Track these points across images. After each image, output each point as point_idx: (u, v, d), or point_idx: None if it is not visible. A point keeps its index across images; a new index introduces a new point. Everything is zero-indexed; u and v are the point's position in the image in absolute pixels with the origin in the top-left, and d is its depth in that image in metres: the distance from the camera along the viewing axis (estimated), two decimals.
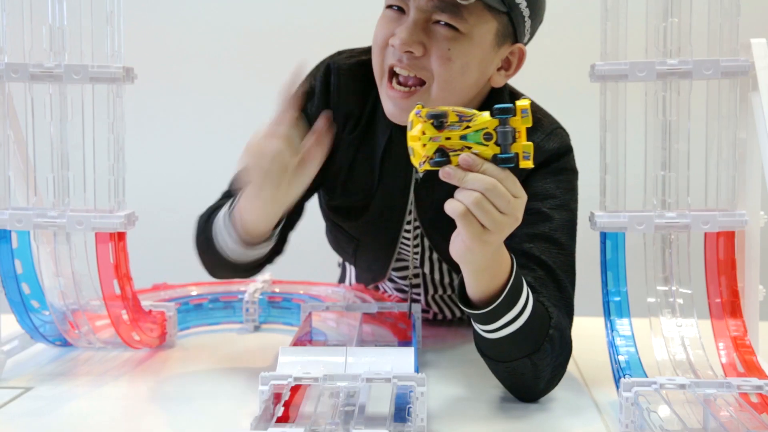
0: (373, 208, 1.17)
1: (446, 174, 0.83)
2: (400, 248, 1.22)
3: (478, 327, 0.94)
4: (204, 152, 2.33)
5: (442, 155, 0.83)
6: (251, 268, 1.09)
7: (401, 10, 1.02)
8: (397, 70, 1.02)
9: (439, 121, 0.83)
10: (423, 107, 0.84)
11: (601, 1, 0.97)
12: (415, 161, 0.85)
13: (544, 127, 1.09)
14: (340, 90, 1.12)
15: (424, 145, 0.84)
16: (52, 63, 1.02)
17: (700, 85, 0.98)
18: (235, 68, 2.32)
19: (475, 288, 0.91)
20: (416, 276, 1.26)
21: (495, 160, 0.83)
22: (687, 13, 0.97)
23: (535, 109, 1.12)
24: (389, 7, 1.03)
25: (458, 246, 0.87)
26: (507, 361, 0.95)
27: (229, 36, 2.32)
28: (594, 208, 1.01)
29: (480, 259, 0.87)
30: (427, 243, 1.20)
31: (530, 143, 0.83)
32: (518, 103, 0.83)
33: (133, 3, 1.11)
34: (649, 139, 0.99)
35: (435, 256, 1.22)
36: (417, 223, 1.17)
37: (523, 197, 0.86)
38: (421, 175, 1.13)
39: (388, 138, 1.12)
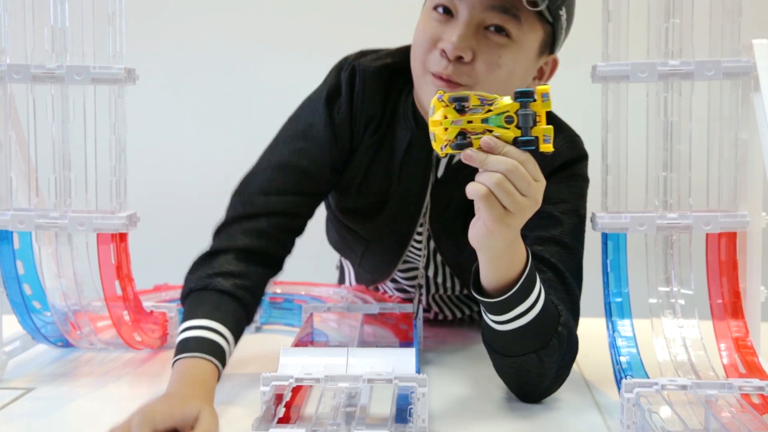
0: (388, 211, 1.17)
1: (468, 156, 0.83)
2: (409, 249, 1.22)
3: (490, 318, 0.94)
4: (206, 153, 2.33)
5: (464, 138, 0.84)
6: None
7: (448, 12, 1.00)
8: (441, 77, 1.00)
9: (460, 105, 0.83)
10: (445, 92, 0.85)
11: (602, 2, 0.98)
12: (436, 146, 0.85)
13: (563, 134, 1.10)
14: (365, 93, 1.11)
15: (446, 129, 0.84)
16: (54, 64, 1.02)
17: (702, 86, 0.98)
18: (237, 70, 2.32)
19: (491, 276, 0.91)
20: (419, 276, 1.26)
21: (516, 143, 0.83)
22: (688, 13, 0.97)
23: (553, 116, 1.12)
24: (435, 8, 1.01)
25: (479, 230, 0.87)
26: (515, 355, 0.95)
27: (231, 37, 2.32)
28: (596, 208, 1.01)
29: (500, 243, 0.87)
30: (432, 245, 1.20)
31: (550, 127, 0.83)
32: (539, 87, 0.83)
33: (134, 4, 1.11)
34: (650, 140, 0.99)
35: (439, 258, 1.22)
36: (427, 226, 1.17)
37: (543, 181, 0.86)
38: (440, 175, 1.13)
39: (408, 142, 1.11)
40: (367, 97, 1.11)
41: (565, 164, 1.08)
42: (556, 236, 1.03)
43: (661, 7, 0.97)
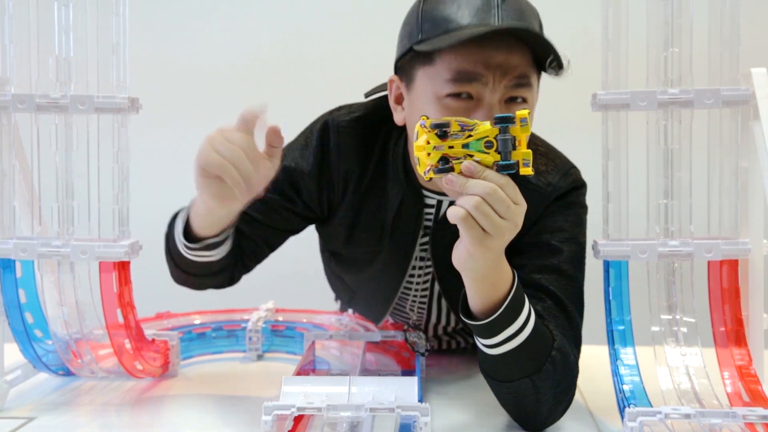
0: (377, 264, 1.18)
1: (449, 181, 0.85)
2: (403, 294, 1.22)
3: (480, 342, 0.94)
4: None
5: (446, 163, 0.86)
6: (198, 276, 1.13)
7: (467, 97, 0.97)
8: None
9: (442, 131, 0.85)
10: (428, 118, 0.86)
11: (602, 31, 0.98)
12: (420, 170, 0.87)
13: (558, 167, 1.10)
14: (340, 148, 1.12)
15: (429, 154, 0.86)
16: (58, 94, 1.03)
17: (702, 114, 0.99)
18: (239, 98, 2.34)
19: (476, 298, 0.92)
20: (418, 324, 1.26)
21: (496, 167, 0.85)
22: (687, 42, 0.97)
23: (547, 150, 1.13)
24: (451, 95, 0.97)
25: (460, 252, 0.88)
26: (508, 381, 0.95)
27: (234, 66, 2.34)
28: (597, 236, 1.01)
29: (481, 265, 0.88)
30: (437, 288, 1.20)
31: (529, 151, 0.85)
32: (518, 112, 0.85)
33: (138, 34, 1.12)
34: (651, 168, 0.99)
35: (444, 303, 1.22)
36: (429, 270, 1.17)
37: (523, 205, 0.87)
38: (440, 217, 1.13)
39: (401, 200, 1.12)
40: (343, 152, 1.12)
41: (561, 195, 1.08)
42: (555, 264, 1.04)
43: (660, 37, 0.98)
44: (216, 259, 1.09)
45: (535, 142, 1.13)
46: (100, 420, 1.03)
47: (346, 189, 1.13)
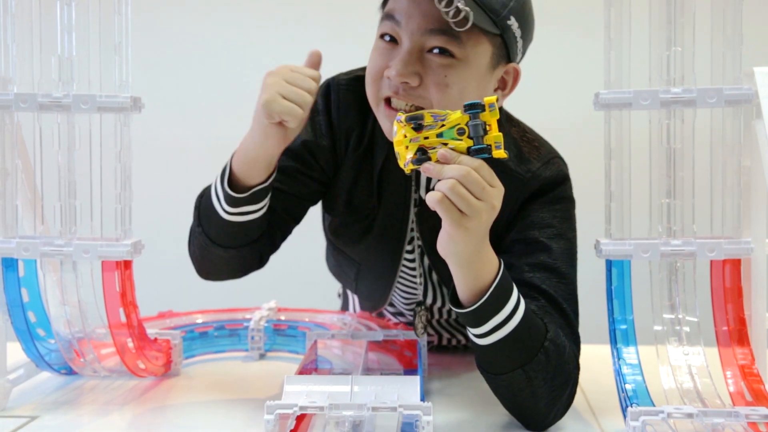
0: (375, 230, 1.18)
1: (426, 169, 0.89)
2: (401, 270, 1.22)
3: (471, 333, 0.95)
4: (211, 181, 2.34)
5: (423, 154, 0.90)
6: (239, 246, 1.10)
7: (394, 41, 1.03)
8: (393, 101, 1.03)
9: (417, 123, 0.90)
10: (403, 113, 0.90)
11: (604, 31, 0.98)
12: (401, 163, 0.91)
13: (541, 155, 1.10)
14: (340, 106, 1.14)
15: (407, 147, 0.90)
16: (60, 93, 1.03)
17: (704, 113, 0.99)
18: (242, 97, 2.34)
19: (462, 285, 0.93)
20: (419, 304, 1.26)
21: (470, 152, 0.89)
22: (690, 41, 0.97)
23: (533, 137, 1.13)
24: (382, 37, 1.04)
25: (442, 238, 0.91)
26: (502, 373, 0.95)
27: (238, 66, 2.34)
28: (599, 235, 1.01)
29: (463, 249, 0.90)
30: (426, 263, 1.20)
31: (500, 134, 0.88)
32: (486, 98, 0.88)
33: (141, 33, 1.12)
34: (653, 167, 0.99)
35: (435, 278, 1.22)
36: (419, 242, 1.18)
37: (500, 187, 0.89)
38: (423, 196, 1.14)
39: (385, 158, 1.13)
40: (343, 110, 1.15)
41: (546, 187, 1.09)
42: (545, 262, 1.04)
43: (662, 36, 0.98)
44: (258, 216, 1.07)
45: (524, 129, 1.14)
46: (103, 419, 1.03)
47: (347, 148, 1.15)
